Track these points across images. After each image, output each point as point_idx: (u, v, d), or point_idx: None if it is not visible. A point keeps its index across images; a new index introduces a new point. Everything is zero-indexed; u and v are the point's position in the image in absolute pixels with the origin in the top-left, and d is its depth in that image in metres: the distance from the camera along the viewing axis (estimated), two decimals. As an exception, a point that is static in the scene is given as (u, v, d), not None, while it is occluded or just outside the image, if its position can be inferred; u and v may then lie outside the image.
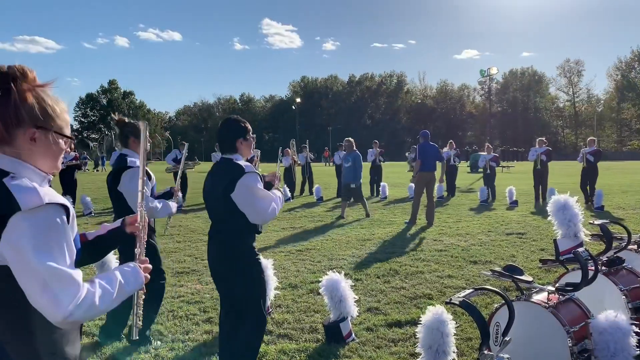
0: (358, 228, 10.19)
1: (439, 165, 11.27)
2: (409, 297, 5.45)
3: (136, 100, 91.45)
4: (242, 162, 3.17)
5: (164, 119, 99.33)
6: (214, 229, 3.32)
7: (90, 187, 19.58)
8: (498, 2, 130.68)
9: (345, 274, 6.25)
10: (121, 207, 3.91)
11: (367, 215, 11.74)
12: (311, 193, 17.07)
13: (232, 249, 3.18)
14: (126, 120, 4.09)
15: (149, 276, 1.70)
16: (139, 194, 1.81)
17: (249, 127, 3.29)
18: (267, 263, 5.01)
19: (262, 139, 79.94)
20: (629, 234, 4.47)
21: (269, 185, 3.38)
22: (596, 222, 4.39)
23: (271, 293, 4.98)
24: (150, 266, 1.73)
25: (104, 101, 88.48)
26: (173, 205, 4.10)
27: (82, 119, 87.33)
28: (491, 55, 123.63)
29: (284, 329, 4.56)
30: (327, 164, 48.01)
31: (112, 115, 4.15)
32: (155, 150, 73.79)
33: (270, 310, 4.99)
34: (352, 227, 10.28)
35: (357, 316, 4.67)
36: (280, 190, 3.44)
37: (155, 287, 4.06)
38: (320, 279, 4.58)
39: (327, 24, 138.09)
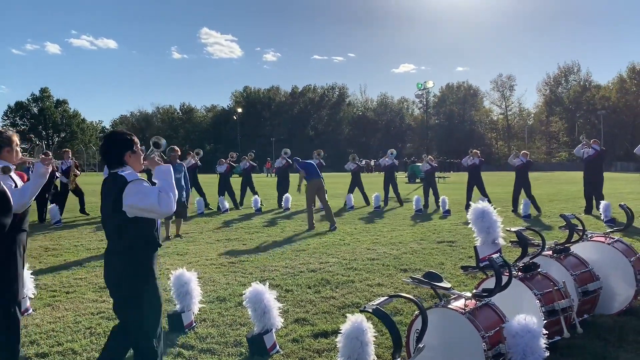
0: (294, 238, 10.14)
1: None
2: (338, 307, 5.44)
3: (70, 109, 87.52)
4: (125, 173, 3.06)
5: (99, 129, 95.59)
6: (108, 247, 3.14)
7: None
8: (432, 18, 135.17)
9: (277, 285, 6.21)
10: None
11: (167, 237, 10.05)
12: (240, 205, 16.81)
13: (125, 270, 3.00)
14: None
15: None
16: None
17: (136, 139, 3.23)
18: (191, 276, 4.88)
19: (204, 149, 78.28)
20: (543, 240, 4.65)
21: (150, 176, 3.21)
22: (512, 229, 4.54)
23: (195, 307, 4.84)
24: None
25: (35, 110, 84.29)
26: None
27: (11, 129, 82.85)
28: (427, 69, 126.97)
29: (207, 344, 4.42)
30: (269, 175, 47.81)
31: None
32: (90, 162, 70.91)
33: (194, 324, 4.84)
34: (288, 238, 10.22)
35: (284, 327, 4.61)
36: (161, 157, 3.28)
37: (4, 316, 3.57)
38: (248, 291, 4.47)
39: (267, 35, 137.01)
